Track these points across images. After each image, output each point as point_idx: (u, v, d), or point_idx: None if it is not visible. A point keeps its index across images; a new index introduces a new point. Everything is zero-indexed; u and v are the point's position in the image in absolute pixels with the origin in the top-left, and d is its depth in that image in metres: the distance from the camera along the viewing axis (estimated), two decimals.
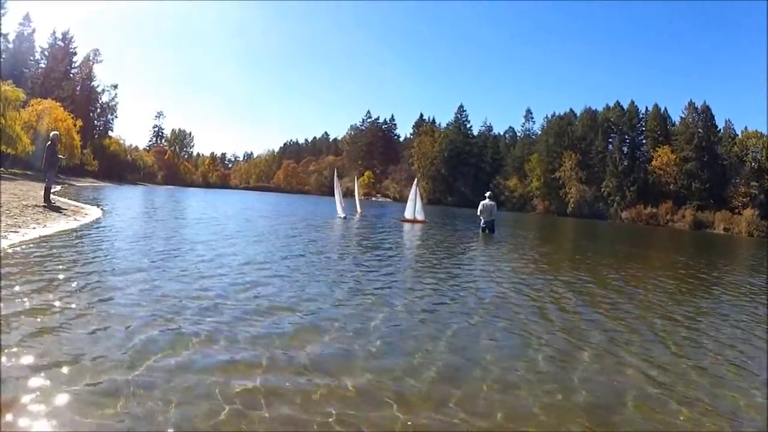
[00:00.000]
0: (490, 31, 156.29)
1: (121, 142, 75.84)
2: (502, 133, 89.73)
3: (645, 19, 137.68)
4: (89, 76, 67.44)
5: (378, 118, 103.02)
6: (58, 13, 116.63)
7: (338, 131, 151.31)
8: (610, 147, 72.29)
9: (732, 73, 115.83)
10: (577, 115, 77.76)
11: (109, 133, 73.28)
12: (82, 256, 6.15)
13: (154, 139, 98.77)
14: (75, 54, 66.76)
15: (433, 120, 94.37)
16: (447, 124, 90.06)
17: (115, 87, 72.51)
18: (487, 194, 15.98)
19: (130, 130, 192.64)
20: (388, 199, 79.75)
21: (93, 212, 12.80)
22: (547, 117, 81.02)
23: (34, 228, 7.95)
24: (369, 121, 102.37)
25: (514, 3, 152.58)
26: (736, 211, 57.51)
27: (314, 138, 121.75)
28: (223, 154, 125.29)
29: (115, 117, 74.61)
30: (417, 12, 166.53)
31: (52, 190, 12.92)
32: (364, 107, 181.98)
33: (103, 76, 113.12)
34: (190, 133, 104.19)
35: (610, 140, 73.10)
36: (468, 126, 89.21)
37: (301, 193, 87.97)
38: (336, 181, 19.55)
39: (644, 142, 72.30)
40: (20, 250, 6.07)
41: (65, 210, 11.79)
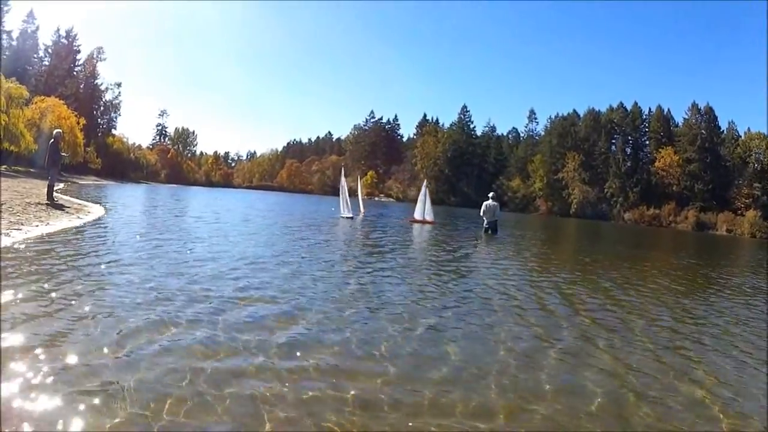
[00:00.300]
0: (494, 32, 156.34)
1: (125, 140, 76.25)
2: (505, 134, 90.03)
3: (648, 19, 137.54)
4: (93, 74, 67.70)
5: (381, 118, 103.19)
6: (62, 11, 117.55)
7: (341, 131, 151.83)
8: (613, 148, 72.25)
9: (736, 74, 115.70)
10: (581, 116, 77.78)
11: (113, 131, 73.82)
12: (84, 254, 6.15)
13: (158, 138, 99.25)
14: (79, 52, 67.22)
15: (437, 120, 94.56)
16: (450, 125, 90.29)
17: (119, 85, 73.09)
18: (490, 195, 15.81)
19: (134, 129, 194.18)
20: (391, 199, 79.68)
21: (96, 210, 12.82)
22: (550, 118, 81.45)
23: (37, 226, 7.95)
24: (372, 120, 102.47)
25: (518, 3, 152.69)
26: (739, 213, 57.43)
27: (317, 137, 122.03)
28: (227, 153, 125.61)
29: (119, 115, 75.36)
30: (421, 12, 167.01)
31: (55, 188, 12.93)
32: (368, 107, 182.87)
33: (107, 74, 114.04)
34: (194, 132, 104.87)
35: (614, 141, 73.05)
36: (471, 126, 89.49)
37: (304, 192, 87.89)
38: (342, 180, 19.39)
39: (647, 143, 72.21)
40: (23, 247, 6.07)
41: (68, 208, 11.80)
